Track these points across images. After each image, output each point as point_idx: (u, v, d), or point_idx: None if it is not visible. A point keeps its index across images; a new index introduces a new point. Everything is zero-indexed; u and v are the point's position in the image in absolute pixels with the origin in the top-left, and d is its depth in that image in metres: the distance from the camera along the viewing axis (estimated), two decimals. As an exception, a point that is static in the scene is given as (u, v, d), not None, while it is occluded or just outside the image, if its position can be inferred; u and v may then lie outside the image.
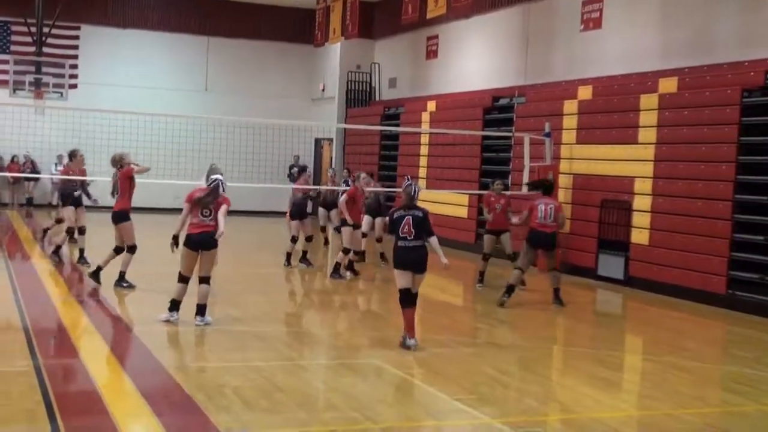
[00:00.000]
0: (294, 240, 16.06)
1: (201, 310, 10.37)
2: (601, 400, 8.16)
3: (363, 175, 15.55)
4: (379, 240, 17.01)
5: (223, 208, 10.37)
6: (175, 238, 10.48)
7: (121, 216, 12.78)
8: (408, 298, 9.68)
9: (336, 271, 14.90)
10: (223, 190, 10.50)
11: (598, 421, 7.43)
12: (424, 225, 9.67)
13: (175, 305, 10.40)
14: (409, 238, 9.62)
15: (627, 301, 14.71)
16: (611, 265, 15.83)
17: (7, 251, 16.76)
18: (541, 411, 7.95)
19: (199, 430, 6.73)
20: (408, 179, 10.14)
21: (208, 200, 10.33)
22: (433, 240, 9.71)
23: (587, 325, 12.82)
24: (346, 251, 14.88)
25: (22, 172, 26.03)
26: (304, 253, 16.21)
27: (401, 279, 9.69)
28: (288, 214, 16.57)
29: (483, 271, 14.73)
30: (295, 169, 16.55)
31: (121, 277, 12.77)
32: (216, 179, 10.47)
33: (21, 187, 27.49)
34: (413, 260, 9.66)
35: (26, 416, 6.74)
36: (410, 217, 9.65)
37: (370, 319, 12.31)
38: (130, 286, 12.69)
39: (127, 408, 7.17)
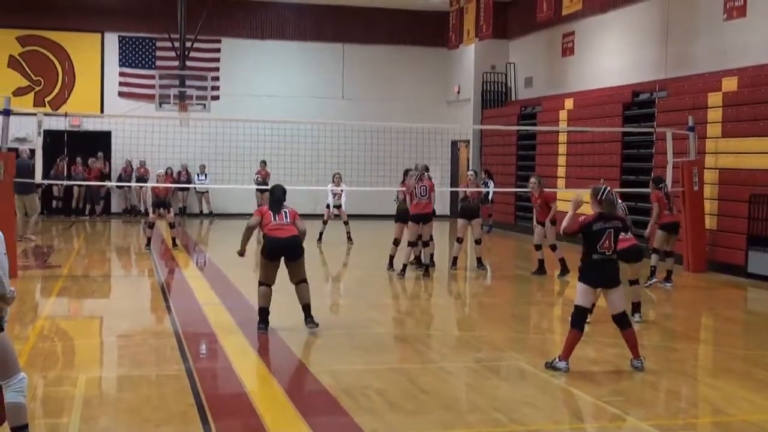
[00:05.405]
0: (396, 243, 15.88)
1: None
2: (756, 402, 7.84)
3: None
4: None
5: None
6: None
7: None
8: (582, 318, 8.61)
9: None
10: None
11: (753, 424, 7.14)
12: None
13: None
14: (607, 253, 8.53)
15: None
16: (762, 262, 15.22)
17: (160, 259, 17.43)
18: (691, 413, 7.72)
19: (345, 431, 6.83)
20: (602, 182, 8.95)
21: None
22: None
23: (738, 326, 12.35)
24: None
25: (177, 182, 26.70)
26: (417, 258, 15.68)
27: (586, 296, 8.64)
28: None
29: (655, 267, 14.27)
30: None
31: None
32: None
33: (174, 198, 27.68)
34: (610, 276, 8.60)
35: (180, 418, 6.97)
36: (612, 231, 8.56)
37: (507, 320, 12.17)
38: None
39: (275, 410, 7.33)
